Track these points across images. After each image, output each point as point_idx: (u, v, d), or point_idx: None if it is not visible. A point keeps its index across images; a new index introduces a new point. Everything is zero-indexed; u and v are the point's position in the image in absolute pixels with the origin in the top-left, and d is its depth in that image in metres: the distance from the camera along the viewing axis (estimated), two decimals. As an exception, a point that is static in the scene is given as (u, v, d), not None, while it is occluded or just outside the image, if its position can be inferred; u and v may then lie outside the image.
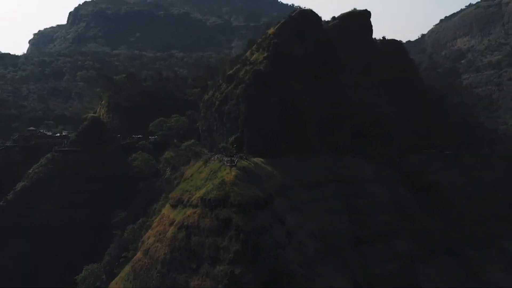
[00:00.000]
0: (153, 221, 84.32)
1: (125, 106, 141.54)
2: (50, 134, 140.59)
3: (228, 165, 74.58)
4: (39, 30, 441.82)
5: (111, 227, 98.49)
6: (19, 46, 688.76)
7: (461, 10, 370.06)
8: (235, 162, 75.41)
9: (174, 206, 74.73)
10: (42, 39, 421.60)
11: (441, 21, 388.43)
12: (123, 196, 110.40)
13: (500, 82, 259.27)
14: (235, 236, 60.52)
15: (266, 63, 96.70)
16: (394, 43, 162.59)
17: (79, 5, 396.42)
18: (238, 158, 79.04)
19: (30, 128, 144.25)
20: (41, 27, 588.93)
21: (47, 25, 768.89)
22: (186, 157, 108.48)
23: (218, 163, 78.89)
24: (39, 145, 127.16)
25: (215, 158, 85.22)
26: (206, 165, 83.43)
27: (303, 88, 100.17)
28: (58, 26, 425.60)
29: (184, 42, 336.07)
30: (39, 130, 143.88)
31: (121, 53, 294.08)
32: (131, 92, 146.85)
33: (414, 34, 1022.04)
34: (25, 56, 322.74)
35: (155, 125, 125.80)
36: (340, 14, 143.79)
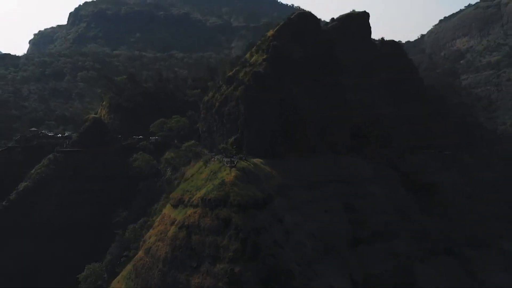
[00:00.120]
0: (154, 220, 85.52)
1: (126, 107, 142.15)
2: (51, 134, 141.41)
3: (228, 166, 75.86)
4: (39, 31, 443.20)
5: (112, 227, 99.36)
6: (19, 46, 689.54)
7: (460, 10, 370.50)
8: (235, 163, 76.62)
9: (175, 206, 76.02)
10: (42, 39, 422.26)
11: (440, 21, 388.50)
12: (124, 196, 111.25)
13: (499, 83, 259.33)
14: (235, 235, 61.90)
15: (266, 65, 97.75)
16: (393, 44, 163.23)
17: (79, 5, 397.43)
18: (237, 159, 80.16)
19: (32, 128, 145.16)
20: (41, 27, 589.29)
21: (47, 25, 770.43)
22: (187, 157, 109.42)
23: (218, 164, 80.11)
24: (41, 145, 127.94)
25: (215, 159, 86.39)
26: (206, 165, 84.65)
27: (303, 89, 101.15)
28: (58, 26, 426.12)
29: (184, 43, 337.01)
30: (41, 130, 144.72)
31: (121, 53, 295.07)
32: (132, 93, 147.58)
33: (413, 35, 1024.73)
34: (25, 56, 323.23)
35: (156, 126, 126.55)
36: (339, 16, 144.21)
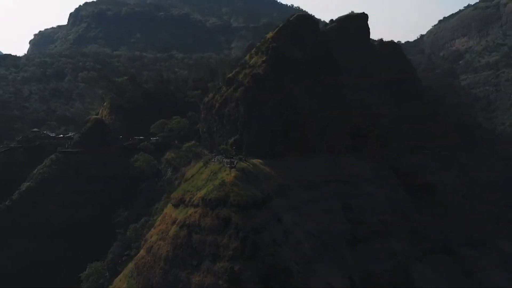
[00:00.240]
0: (155, 220, 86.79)
1: (127, 108, 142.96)
2: (53, 135, 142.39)
3: (227, 166, 77.22)
4: (40, 31, 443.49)
5: (113, 227, 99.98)
6: (20, 46, 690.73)
7: (459, 11, 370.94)
8: (235, 163, 77.96)
9: (176, 206, 77.37)
10: (42, 40, 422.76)
11: (439, 21, 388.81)
12: (125, 196, 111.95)
13: (497, 83, 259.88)
14: (235, 234, 63.31)
15: (265, 67, 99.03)
16: (392, 45, 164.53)
17: (80, 6, 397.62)
18: (237, 159, 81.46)
19: (34, 129, 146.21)
20: (41, 28, 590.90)
21: (48, 25, 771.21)
22: (187, 158, 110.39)
23: (218, 165, 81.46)
24: (43, 146, 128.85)
25: (215, 159, 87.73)
26: (206, 166, 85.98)
27: (302, 90, 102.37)
28: (59, 26, 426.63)
29: (184, 43, 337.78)
30: (43, 131, 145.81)
31: (121, 54, 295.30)
32: (133, 94, 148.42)
33: (413, 35, 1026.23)
34: (26, 57, 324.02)
35: (157, 126, 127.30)
36: (337, 17, 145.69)
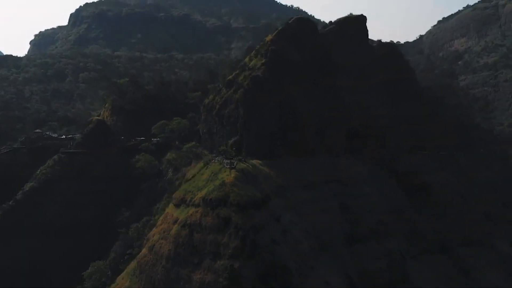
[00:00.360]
0: (156, 219, 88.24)
1: (128, 109, 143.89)
2: (56, 136, 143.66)
3: (227, 167, 78.82)
4: (40, 31, 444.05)
5: (115, 226, 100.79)
6: (20, 46, 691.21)
7: (458, 11, 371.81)
8: (235, 164, 79.59)
9: (177, 206, 78.97)
10: (43, 40, 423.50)
11: (439, 22, 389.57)
12: (126, 196, 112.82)
13: (496, 84, 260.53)
14: (235, 233, 64.98)
15: (264, 69, 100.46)
16: (390, 46, 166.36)
17: (80, 6, 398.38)
18: (237, 160, 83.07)
19: (37, 130, 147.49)
20: (42, 28, 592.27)
21: (48, 26, 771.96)
22: (188, 158, 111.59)
23: (218, 165, 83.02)
24: (46, 147, 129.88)
25: (216, 160, 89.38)
26: (207, 167, 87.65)
27: (301, 92, 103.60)
28: (59, 27, 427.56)
29: (184, 44, 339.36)
30: (45, 132, 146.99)
31: (122, 54, 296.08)
32: (134, 95, 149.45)
33: (412, 35, 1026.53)
34: (27, 57, 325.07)
35: (158, 127, 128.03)
36: (336, 19, 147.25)
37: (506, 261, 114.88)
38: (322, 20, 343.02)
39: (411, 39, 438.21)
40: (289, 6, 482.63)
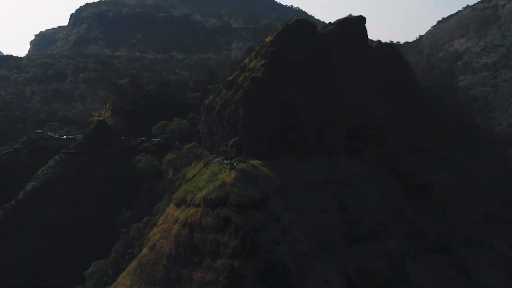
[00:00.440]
0: (157, 219, 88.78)
1: (128, 109, 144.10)
2: (57, 136, 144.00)
3: (227, 167, 79.34)
4: (40, 31, 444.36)
5: (116, 226, 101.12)
6: (20, 47, 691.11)
7: (458, 11, 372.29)
8: (235, 164, 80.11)
9: (178, 206, 79.53)
10: (43, 40, 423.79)
11: (438, 22, 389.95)
12: (127, 196, 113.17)
13: (495, 84, 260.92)
14: (235, 233, 65.52)
15: (264, 70, 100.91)
16: (389, 46, 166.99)
17: (80, 7, 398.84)
18: (237, 161, 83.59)
19: (38, 131, 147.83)
20: (42, 28, 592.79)
21: (48, 26, 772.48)
22: (188, 159, 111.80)
23: (218, 166, 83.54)
24: (47, 147, 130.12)
25: (216, 160, 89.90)
26: (207, 167, 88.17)
27: (301, 93, 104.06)
28: (59, 27, 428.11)
29: (184, 44, 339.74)
30: (46, 132, 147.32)
31: (122, 55, 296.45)
32: (135, 96, 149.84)
33: (412, 35, 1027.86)
34: (27, 57, 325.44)
35: (158, 128, 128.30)
36: (336, 20, 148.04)
37: (505, 261, 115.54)
38: (322, 20, 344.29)
39: (411, 40, 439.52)
40: (289, 6, 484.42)
